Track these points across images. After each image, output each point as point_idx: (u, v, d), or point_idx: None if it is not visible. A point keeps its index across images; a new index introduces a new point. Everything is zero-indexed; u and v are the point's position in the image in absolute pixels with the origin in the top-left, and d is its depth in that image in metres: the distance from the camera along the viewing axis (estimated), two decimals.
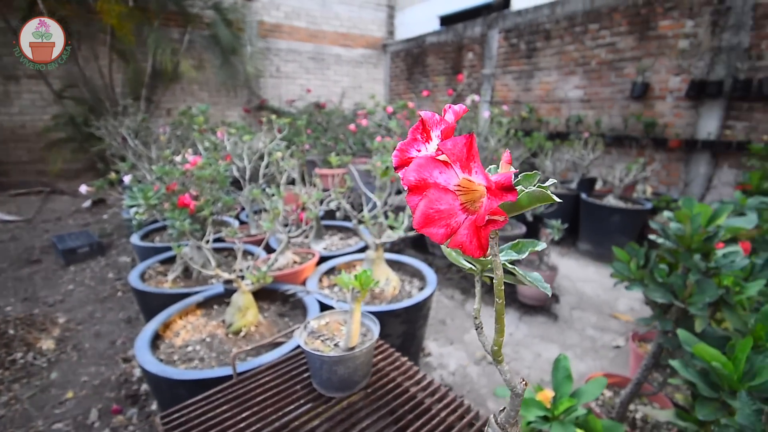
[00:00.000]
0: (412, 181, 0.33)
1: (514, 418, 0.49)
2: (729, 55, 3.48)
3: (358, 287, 0.91)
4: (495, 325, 0.47)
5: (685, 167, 3.94)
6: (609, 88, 4.51)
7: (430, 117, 0.37)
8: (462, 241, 0.33)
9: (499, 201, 0.31)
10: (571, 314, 2.99)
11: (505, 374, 0.48)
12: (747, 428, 0.68)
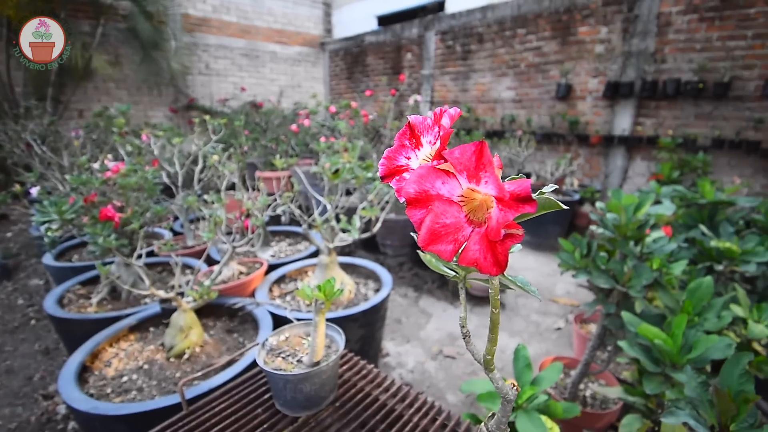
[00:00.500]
0: (412, 193, 0.30)
1: (504, 423, 0.48)
2: (638, 59, 3.91)
3: (322, 298, 0.86)
4: (489, 335, 0.45)
5: (604, 161, 4.36)
6: (537, 89, 4.84)
7: (420, 122, 0.34)
8: (475, 258, 0.30)
9: (515, 213, 0.28)
10: (516, 302, 3.16)
11: (496, 382, 0.47)
12: (695, 400, 0.75)
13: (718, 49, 3.47)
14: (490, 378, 0.47)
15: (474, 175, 0.29)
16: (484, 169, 0.29)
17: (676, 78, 3.69)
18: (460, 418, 0.96)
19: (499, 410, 0.48)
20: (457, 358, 2.51)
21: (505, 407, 0.47)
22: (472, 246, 0.30)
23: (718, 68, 3.45)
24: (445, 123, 0.34)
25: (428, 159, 0.35)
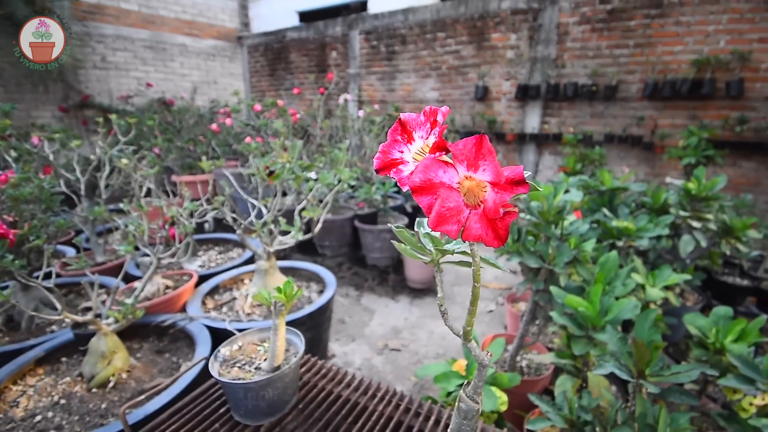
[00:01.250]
0: (418, 182, 0.33)
1: (480, 387, 0.52)
2: (543, 64, 4.36)
3: (282, 300, 0.83)
4: (469, 307, 0.49)
5: (519, 156, 4.79)
6: (458, 90, 5.15)
7: (413, 118, 0.38)
8: (479, 234, 0.34)
9: (511, 194, 0.32)
10: (452, 290, 3.35)
11: (474, 350, 0.50)
12: (617, 353, 0.88)
13: (607, 57, 4.02)
14: (469, 347, 0.51)
15: (473, 163, 0.33)
16: (484, 158, 0.33)
17: (574, 81, 4.19)
18: (421, 400, 1.00)
19: (476, 376, 0.52)
20: (402, 350, 2.59)
21: (481, 372, 0.51)
22: (474, 225, 0.34)
23: (607, 73, 4.01)
24: (440, 119, 0.36)
25: (420, 152, 0.38)
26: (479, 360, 0.51)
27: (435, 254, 0.54)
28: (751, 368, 1.08)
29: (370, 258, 3.52)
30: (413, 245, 0.56)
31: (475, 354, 0.51)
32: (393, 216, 3.62)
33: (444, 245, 0.55)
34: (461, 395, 0.53)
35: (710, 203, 1.76)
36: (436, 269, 0.55)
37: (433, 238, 0.51)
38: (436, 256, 0.54)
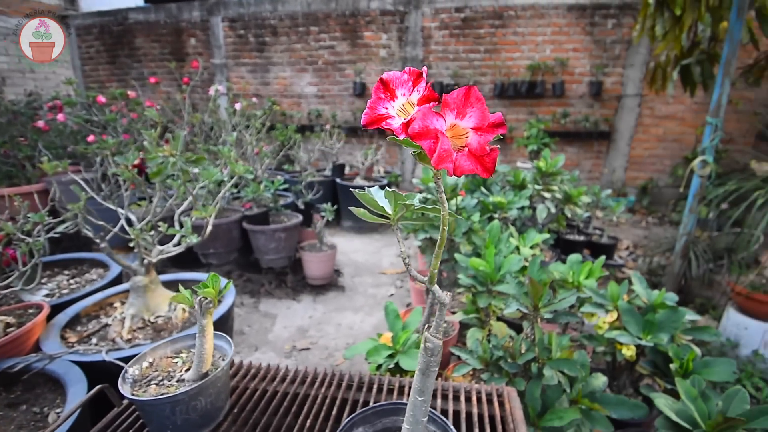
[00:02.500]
0: (417, 129, 0.38)
1: (441, 326, 0.57)
2: (413, 64, 4.74)
3: (210, 296, 0.74)
4: (436, 251, 0.52)
5: (400, 150, 5.14)
6: (337, 86, 5.22)
7: (396, 77, 0.42)
8: (471, 169, 0.39)
9: (493, 134, 0.38)
10: (353, 281, 3.42)
11: (436, 292, 0.55)
12: (517, 294, 1.05)
13: (464, 60, 4.61)
14: (432, 290, 0.55)
15: (461, 111, 0.38)
16: (472, 106, 0.37)
17: (440, 81, 4.69)
18: (361, 373, 1.02)
19: (437, 316, 0.57)
20: (311, 348, 2.54)
21: (441, 311, 0.56)
22: (464, 163, 0.38)
23: (465, 74, 4.60)
24: (425, 76, 0.40)
25: (403, 109, 0.42)
26: (441, 300, 0.56)
27: (394, 214, 0.57)
28: (600, 296, 1.40)
29: (264, 261, 3.33)
30: (374, 206, 0.57)
31: (438, 295, 0.55)
32: (285, 214, 3.49)
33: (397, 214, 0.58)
34: (426, 336, 0.57)
35: (555, 177, 2.19)
36: (394, 228, 0.58)
37: (396, 194, 0.53)
38: (395, 215, 0.57)
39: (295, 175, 4.36)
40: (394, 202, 0.55)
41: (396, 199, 0.54)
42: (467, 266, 1.36)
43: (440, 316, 0.58)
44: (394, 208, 0.56)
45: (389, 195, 0.54)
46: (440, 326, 0.58)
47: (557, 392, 0.97)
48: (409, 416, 0.60)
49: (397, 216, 0.57)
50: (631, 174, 4.58)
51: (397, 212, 0.57)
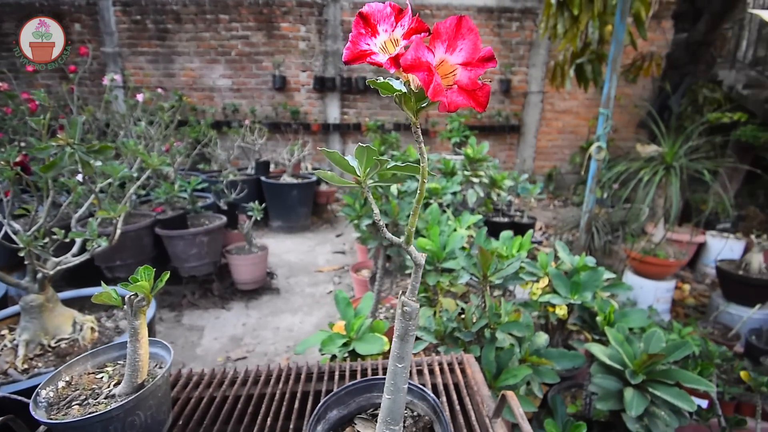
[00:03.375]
0: (410, 60, 0.36)
1: (416, 288, 0.56)
2: (335, 58, 4.68)
3: (143, 291, 0.63)
4: (414, 206, 0.50)
5: (326, 146, 5.04)
6: (254, 79, 4.94)
7: (378, 11, 0.40)
8: (465, 103, 0.38)
9: (483, 70, 0.37)
10: (288, 283, 3.27)
11: (411, 253, 0.53)
12: (467, 266, 1.09)
13: None
14: (408, 251, 0.53)
15: (452, 43, 0.37)
16: (464, 37, 0.36)
17: (363, 76, 4.70)
18: (319, 363, 0.96)
19: (412, 278, 0.55)
20: (248, 356, 2.37)
21: (417, 272, 0.55)
22: (456, 98, 0.37)
23: None
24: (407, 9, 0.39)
25: (385, 46, 0.39)
26: (417, 261, 0.54)
27: (364, 174, 0.54)
28: (532, 265, 1.52)
29: (184, 269, 3.02)
30: (344, 165, 0.53)
31: (414, 255, 0.54)
32: (206, 216, 3.20)
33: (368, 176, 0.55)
34: (403, 300, 0.55)
35: (481, 164, 2.33)
36: (365, 188, 0.54)
37: (369, 150, 0.50)
38: (365, 175, 0.54)
39: (212, 175, 4.03)
40: (366, 159, 0.52)
41: (368, 155, 0.51)
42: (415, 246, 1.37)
43: (416, 277, 0.56)
44: (364, 166, 0.53)
45: (360, 152, 0.51)
46: (416, 288, 0.57)
47: (509, 354, 1.03)
48: (389, 386, 0.57)
49: (368, 175, 0.54)
50: (538, 163, 5.10)
51: (368, 171, 0.54)
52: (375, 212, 0.54)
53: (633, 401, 0.97)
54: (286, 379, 0.92)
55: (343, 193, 5.17)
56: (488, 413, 0.81)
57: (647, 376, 0.98)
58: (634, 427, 0.99)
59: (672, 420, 0.97)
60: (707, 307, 2.68)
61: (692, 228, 3.13)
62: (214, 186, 3.47)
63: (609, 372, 1.07)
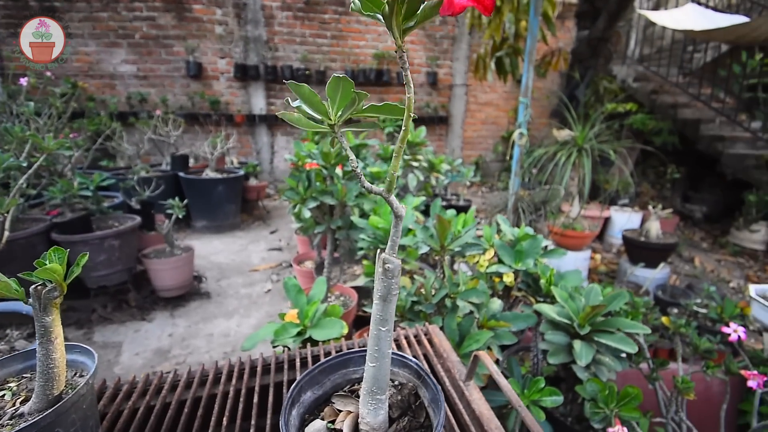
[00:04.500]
0: None
1: (397, 242, 0.51)
2: (256, 45, 4.40)
3: (54, 278, 0.49)
4: (398, 145, 0.45)
5: (253, 138, 4.74)
6: (164, 65, 4.45)
7: None
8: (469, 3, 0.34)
9: None
10: (220, 285, 3.01)
11: (392, 203, 0.49)
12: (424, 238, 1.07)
13: (312, 44, 4.52)
14: (389, 201, 0.49)
15: None
16: None
17: (289, 65, 4.49)
18: (275, 353, 0.87)
19: (392, 232, 0.51)
20: (179, 368, 2.12)
21: (398, 225, 0.50)
22: None
23: (316, 59, 4.53)
24: None
25: None
26: (398, 213, 0.50)
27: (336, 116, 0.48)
28: (476, 239, 1.56)
29: (92, 279, 2.61)
30: (316, 106, 0.47)
31: (396, 206, 0.49)
32: (116, 218, 2.80)
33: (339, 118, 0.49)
34: (384, 257, 0.50)
35: (420, 148, 2.36)
36: (337, 133, 0.48)
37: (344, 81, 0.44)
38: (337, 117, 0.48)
39: (119, 173, 3.55)
40: (341, 95, 0.46)
41: (344, 90, 0.45)
42: (366, 227, 1.32)
43: (396, 231, 0.52)
44: (338, 105, 0.47)
45: (335, 85, 0.44)
46: (396, 244, 0.52)
47: (469, 321, 1.04)
48: (372, 352, 0.52)
49: (341, 117, 0.48)
50: (466, 152, 5.36)
51: (341, 113, 0.48)
52: (351, 158, 0.48)
53: (582, 351, 1.03)
54: (240, 374, 0.82)
55: (275, 188, 4.91)
56: (461, 377, 0.80)
57: (592, 327, 1.06)
58: (584, 375, 1.06)
59: (615, 364, 1.06)
60: (617, 272, 3.05)
61: (599, 205, 3.54)
62: (123, 183, 3.06)
63: (558, 328, 1.14)
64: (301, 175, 1.48)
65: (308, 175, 1.48)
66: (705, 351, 1.28)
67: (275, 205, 4.72)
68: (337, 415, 0.56)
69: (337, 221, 1.48)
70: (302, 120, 0.48)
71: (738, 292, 2.87)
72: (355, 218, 1.35)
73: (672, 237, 2.80)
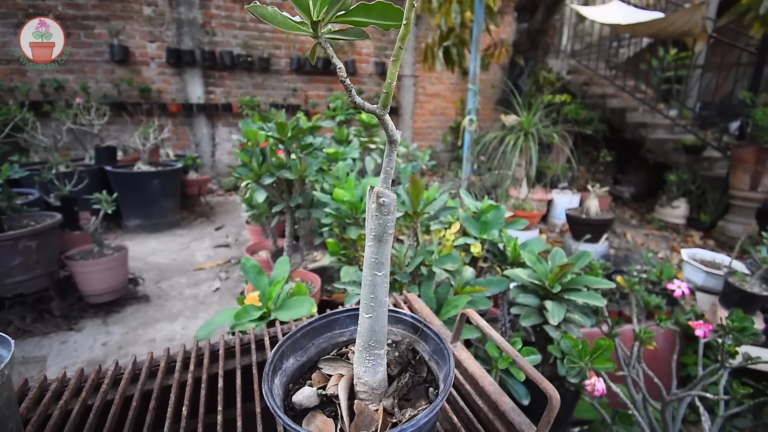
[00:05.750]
0: None
1: (392, 166, 0.46)
2: (191, 28, 4.06)
3: None
4: (397, 46, 0.39)
5: (191, 130, 4.39)
6: (83, 49, 3.96)
7: None
8: None
9: None
10: (161, 287, 2.74)
11: (387, 124, 0.42)
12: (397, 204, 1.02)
13: (253, 29, 4.27)
14: (384, 121, 0.42)
15: None
16: None
17: (229, 51, 4.21)
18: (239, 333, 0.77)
19: (385, 162, 0.45)
20: None
21: (392, 152, 0.45)
22: None
23: (258, 46, 4.28)
24: None
25: None
26: (393, 137, 0.44)
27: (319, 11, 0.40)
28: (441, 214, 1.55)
29: (5, 287, 2.24)
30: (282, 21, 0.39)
31: (391, 128, 0.43)
32: (31, 216, 2.42)
33: None
34: (378, 190, 0.44)
35: (377, 129, 2.31)
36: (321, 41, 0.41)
37: None
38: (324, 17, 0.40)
39: (34, 168, 3.11)
40: None
41: None
42: (329, 201, 1.24)
43: (390, 160, 0.45)
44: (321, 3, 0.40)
45: None
46: (390, 175, 0.46)
47: (446, 288, 1.01)
48: (368, 300, 0.45)
49: (327, 17, 0.40)
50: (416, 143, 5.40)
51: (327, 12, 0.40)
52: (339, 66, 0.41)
53: (554, 310, 1.05)
54: (199, 360, 0.71)
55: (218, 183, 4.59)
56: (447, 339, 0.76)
57: (562, 286, 1.08)
58: (556, 334, 1.08)
59: (584, 320, 1.08)
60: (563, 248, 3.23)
61: (543, 188, 3.73)
62: (39, 177, 2.67)
63: (528, 291, 1.15)
64: (254, 149, 1.36)
65: (263, 150, 1.36)
66: (655, 306, 1.36)
67: (219, 200, 4.41)
68: (327, 380, 0.49)
69: (297, 199, 1.37)
70: (277, 16, 0.40)
71: (666, 261, 3.18)
72: (318, 193, 1.27)
73: (609, 213, 3.02)
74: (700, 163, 3.73)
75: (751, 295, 1.71)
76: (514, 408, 0.62)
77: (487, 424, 0.60)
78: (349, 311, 0.56)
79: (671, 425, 1.23)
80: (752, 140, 3.03)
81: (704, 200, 3.64)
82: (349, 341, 0.56)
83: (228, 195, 4.61)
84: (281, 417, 0.37)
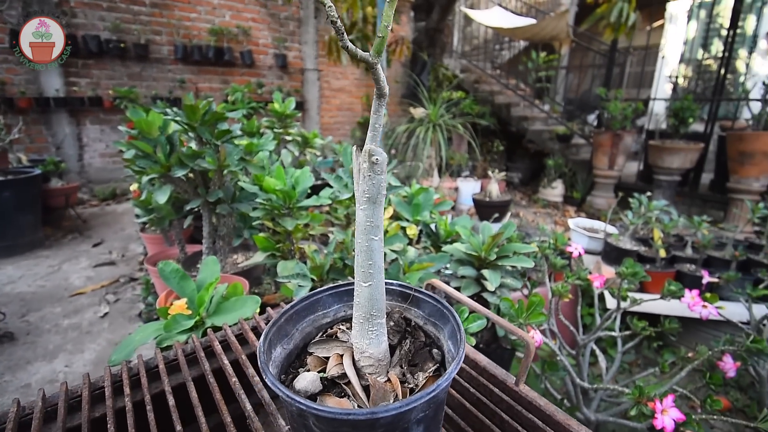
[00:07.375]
0: None
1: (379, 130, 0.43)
2: (42, 7, 3.32)
3: None
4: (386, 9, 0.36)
5: (48, 129, 3.62)
6: None
7: None
8: None
9: None
10: (28, 322, 2.21)
11: (379, 76, 0.40)
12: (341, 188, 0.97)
13: (126, 11, 3.68)
14: (376, 71, 0.39)
15: None
16: None
17: (95, 35, 3.56)
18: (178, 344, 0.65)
19: (372, 119, 0.42)
20: None
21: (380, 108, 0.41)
22: None
23: (132, 30, 3.71)
24: None
25: None
26: (382, 90, 0.41)
27: None
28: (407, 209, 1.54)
29: None
30: None
31: (382, 81, 0.40)
32: None
33: None
34: (370, 149, 0.41)
35: (290, 121, 2.19)
36: None
37: None
38: None
39: None
40: None
41: None
42: (258, 192, 1.13)
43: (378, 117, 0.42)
44: None
45: None
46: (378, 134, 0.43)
47: (396, 267, 1.00)
48: (366, 268, 0.42)
49: None
50: None
51: None
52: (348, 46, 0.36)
53: (491, 276, 1.12)
54: (135, 382, 0.57)
55: (90, 191, 3.87)
56: None
57: (496, 254, 1.16)
58: (493, 299, 1.16)
59: (515, 282, 1.19)
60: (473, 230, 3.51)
61: (449, 177, 4.01)
62: None
63: (465, 263, 1.21)
64: (159, 137, 1.16)
65: (170, 137, 1.17)
66: (561, 267, 1.56)
67: (94, 212, 3.72)
68: (324, 363, 0.43)
69: (217, 193, 1.22)
70: None
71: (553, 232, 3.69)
72: (245, 184, 1.14)
73: (507, 195, 3.38)
74: (570, 149, 4.41)
75: (625, 251, 2.07)
76: (491, 362, 0.64)
77: (471, 381, 0.61)
78: (331, 289, 0.51)
79: (584, 366, 1.43)
80: (608, 128, 3.68)
81: (575, 180, 4.32)
82: (333, 322, 0.51)
83: (105, 204, 3.91)
84: (303, 402, 0.31)
